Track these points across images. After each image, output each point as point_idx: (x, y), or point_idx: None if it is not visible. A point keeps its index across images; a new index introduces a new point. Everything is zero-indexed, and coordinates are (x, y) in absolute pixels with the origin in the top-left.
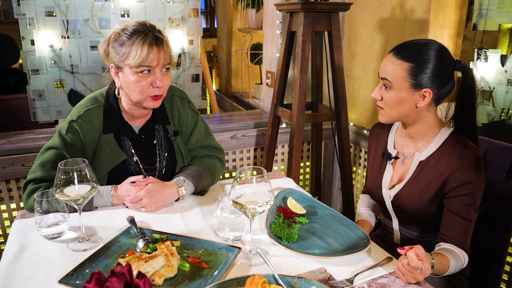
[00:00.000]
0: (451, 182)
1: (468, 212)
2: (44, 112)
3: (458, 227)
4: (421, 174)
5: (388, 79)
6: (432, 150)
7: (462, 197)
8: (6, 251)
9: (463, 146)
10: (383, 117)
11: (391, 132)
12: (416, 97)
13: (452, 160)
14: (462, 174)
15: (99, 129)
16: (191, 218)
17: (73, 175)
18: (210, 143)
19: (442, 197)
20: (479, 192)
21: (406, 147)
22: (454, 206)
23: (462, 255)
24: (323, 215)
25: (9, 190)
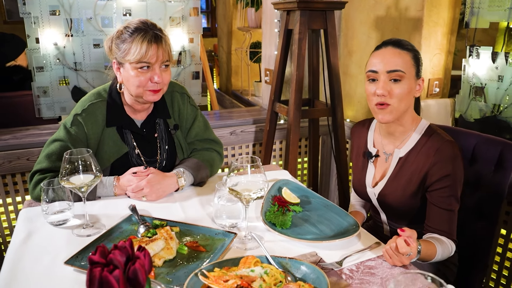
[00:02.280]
0: (431, 176)
1: (450, 203)
2: (48, 108)
3: (442, 218)
4: (402, 170)
5: (402, 70)
6: (410, 146)
7: (443, 190)
8: (14, 237)
9: (439, 140)
10: (391, 114)
11: (370, 131)
12: (416, 86)
13: (430, 155)
14: (441, 168)
15: (102, 122)
16: (190, 207)
17: (78, 165)
18: (209, 136)
19: (424, 191)
20: (459, 183)
21: (386, 145)
22: (436, 199)
23: (449, 243)
24: (316, 204)
25: (15, 184)
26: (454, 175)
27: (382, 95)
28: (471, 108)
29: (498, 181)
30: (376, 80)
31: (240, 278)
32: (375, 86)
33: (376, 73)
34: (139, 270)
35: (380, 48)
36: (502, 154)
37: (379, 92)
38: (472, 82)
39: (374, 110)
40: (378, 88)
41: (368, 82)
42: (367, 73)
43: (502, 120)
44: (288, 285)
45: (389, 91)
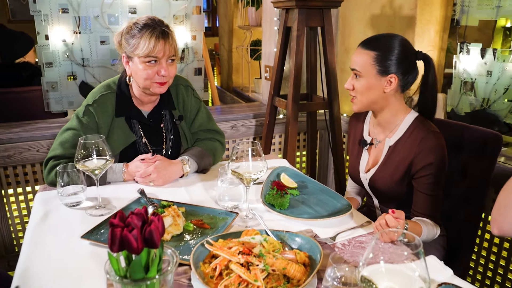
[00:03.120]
0: (416, 164)
1: (434, 189)
2: (57, 102)
3: (427, 204)
4: (391, 158)
5: (357, 69)
6: (399, 135)
7: (427, 177)
8: (32, 216)
9: (424, 131)
10: (356, 105)
11: (366, 121)
12: (383, 83)
13: (415, 145)
14: (424, 157)
15: (112, 112)
16: (195, 191)
17: (92, 150)
18: (211, 127)
19: (410, 178)
20: (442, 171)
21: (377, 134)
22: (421, 186)
23: (434, 225)
24: (312, 188)
25: (25, 174)
26: (437, 163)
27: (347, 89)
28: (462, 102)
29: (484, 169)
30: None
31: (242, 245)
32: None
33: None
34: (154, 231)
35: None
36: (488, 144)
37: (345, 86)
38: (463, 78)
39: (351, 100)
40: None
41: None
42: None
43: (491, 113)
44: (285, 252)
45: (353, 85)
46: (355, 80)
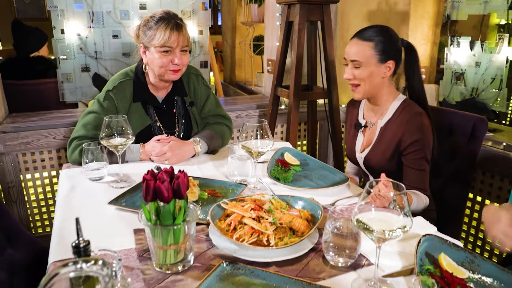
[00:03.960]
0: (403, 142)
1: (421, 164)
2: (71, 93)
3: (416, 177)
4: (382, 138)
5: (358, 59)
6: (388, 116)
7: (414, 153)
8: (60, 190)
9: (410, 112)
10: (359, 93)
11: (360, 107)
12: (382, 70)
13: (402, 124)
14: (411, 135)
15: (129, 98)
16: (206, 168)
17: (115, 128)
18: (220, 112)
19: (399, 155)
20: (428, 147)
21: (371, 117)
22: (409, 162)
23: (424, 196)
24: (313, 165)
25: (42, 160)
26: (423, 140)
27: (348, 79)
28: (453, 92)
29: (471, 150)
30: (347, 65)
31: (253, 202)
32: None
33: (346, 61)
34: (181, 183)
35: (351, 39)
36: (475, 127)
37: (345, 76)
38: (454, 69)
39: (351, 89)
40: (345, 73)
41: (345, 66)
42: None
43: (479, 102)
44: (291, 209)
45: (354, 75)
46: (355, 70)
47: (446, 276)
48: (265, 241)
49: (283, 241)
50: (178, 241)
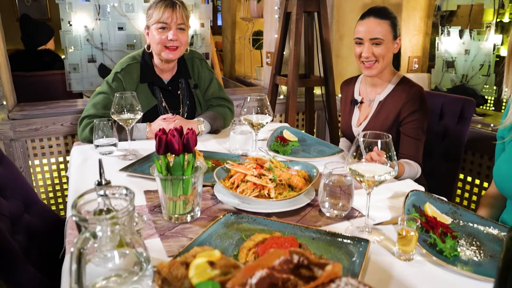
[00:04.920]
0: (403, 112)
1: (418, 134)
2: (78, 83)
3: (411, 146)
4: (381, 110)
5: (379, 37)
6: (388, 91)
7: (412, 122)
8: (73, 162)
9: (410, 86)
10: (375, 70)
11: (357, 83)
12: (394, 46)
13: (403, 96)
14: (411, 105)
15: (136, 80)
16: (209, 145)
17: (125, 104)
18: (222, 95)
19: (398, 126)
20: (425, 118)
21: (369, 93)
22: (407, 130)
23: (416, 165)
24: (311, 141)
25: (50, 147)
26: (421, 110)
27: (367, 57)
28: (444, 80)
29: (460, 130)
30: (362, 44)
31: (255, 161)
32: (360, 49)
33: (361, 39)
34: (190, 138)
35: (364, 18)
36: (463, 108)
37: (365, 55)
38: (444, 57)
39: (361, 66)
40: (363, 52)
41: (356, 45)
42: (355, 39)
43: (469, 88)
44: (289, 169)
45: (372, 52)
46: (374, 47)
47: (430, 221)
48: (266, 194)
49: (282, 195)
50: (187, 192)
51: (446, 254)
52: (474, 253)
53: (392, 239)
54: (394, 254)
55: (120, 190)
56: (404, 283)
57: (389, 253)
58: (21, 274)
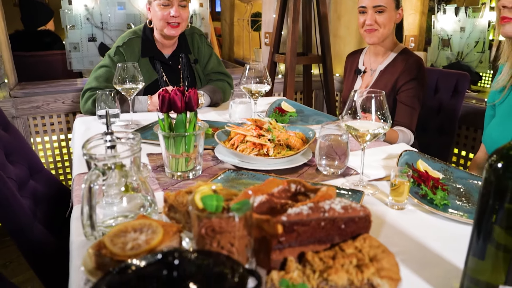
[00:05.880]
0: (401, 80)
1: (413, 102)
2: (78, 62)
3: (406, 113)
4: (381, 78)
5: (383, 4)
6: (389, 61)
7: (408, 91)
8: (76, 131)
9: (408, 55)
10: (375, 37)
11: (362, 55)
12: (396, 15)
13: (402, 65)
14: (408, 74)
15: (138, 54)
16: (210, 116)
17: (128, 74)
18: (222, 70)
19: (395, 94)
20: (422, 88)
21: (372, 63)
22: (403, 98)
23: (409, 133)
24: (309, 112)
25: (52, 124)
26: (418, 79)
27: (370, 24)
28: (440, 58)
29: (454, 104)
30: (365, 13)
31: (254, 122)
32: (364, 17)
33: (365, 8)
34: (192, 97)
35: None
36: (458, 83)
37: (368, 23)
38: (440, 35)
39: (363, 34)
40: (367, 20)
41: (360, 15)
42: (359, 8)
43: (464, 65)
44: (287, 131)
45: (375, 20)
46: (377, 15)
47: (422, 175)
48: (265, 152)
49: (280, 154)
50: (189, 149)
51: (436, 203)
52: (464, 203)
53: (385, 192)
54: (387, 204)
55: (127, 135)
56: (397, 228)
57: (382, 203)
58: (31, 231)
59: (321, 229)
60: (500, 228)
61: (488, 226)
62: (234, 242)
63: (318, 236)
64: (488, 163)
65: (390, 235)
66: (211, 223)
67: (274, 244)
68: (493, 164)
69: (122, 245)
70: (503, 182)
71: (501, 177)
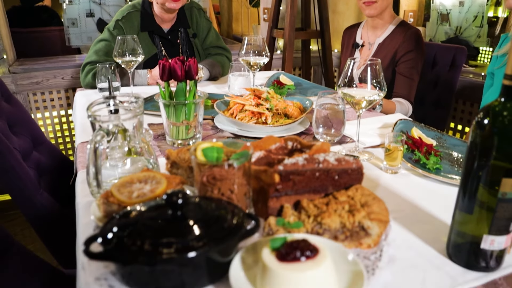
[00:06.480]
0: (400, 52)
1: (412, 73)
2: (77, 37)
3: (404, 85)
4: (380, 51)
5: None
6: (387, 33)
7: (407, 62)
8: (77, 103)
9: (407, 28)
10: (374, 9)
11: (359, 28)
12: None
13: (400, 37)
14: (407, 45)
15: (137, 28)
16: (209, 89)
17: (128, 47)
18: (220, 44)
19: (394, 65)
20: (420, 59)
21: (370, 37)
22: (402, 69)
23: (407, 104)
24: (307, 85)
25: (52, 100)
26: (417, 50)
27: None
28: (439, 33)
29: (451, 77)
30: None
31: (253, 91)
32: None
33: None
34: (192, 65)
35: None
36: (455, 56)
37: None
38: (439, 10)
39: (362, 7)
40: None
41: None
42: None
43: (462, 40)
44: (285, 100)
45: None
46: None
47: (416, 141)
48: (263, 121)
49: (279, 122)
50: (189, 117)
51: (429, 167)
52: (455, 168)
53: (380, 158)
54: (381, 169)
55: (129, 99)
56: (390, 190)
57: (377, 168)
58: (37, 198)
59: (316, 180)
60: (484, 187)
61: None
62: (233, 189)
63: (313, 186)
64: (475, 121)
65: (384, 196)
66: (212, 171)
67: (271, 193)
68: (479, 121)
69: (128, 194)
70: (488, 138)
71: (487, 133)
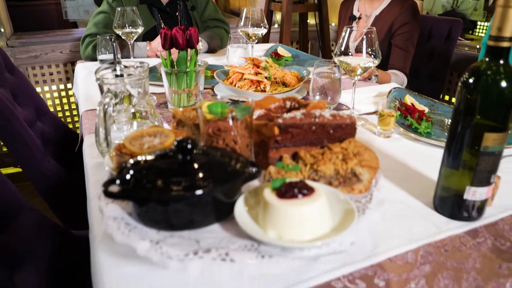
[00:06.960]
0: (396, 24)
1: (407, 46)
2: (74, 11)
3: (400, 57)
4: (376, 24)
5: None
6: (384, 6)
7: (403, 34)
8: (78, 75)
9: (404, 0)
10: None
11: (356, 1)
12: None
13: (397, 9)
14: (403, 17)
15: (136, 0)
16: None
17: (127, 19)
18: (219, 17)
19: (390, 38)
20: (416, 31)
21: (367, 9)
22: (397, 41)
23: (402, 76)
24: (305, 57)
25: (51, 74)
26: (413, 23)
27: None
28: (436, 6)
29: (447, 49)
30: None
31: (252, 60)
32: None
33: None
34: (193, 34)
35: None
36: (451, 29)
37: None
38: None
39: None
40: None
41: None
42: None
43: (459, 13)
44: (284, 69)
45: None
46: None
47: (408, 108)
48: (262, 89)
49: (277, 91)
50: (190, 85)
51: (420, 131)
52: (446, 133)
53: (374, 124)
54: (375, 133)
55: (135, 64)
56: (383, 152)
57: (371, 133)
58: (44, 165)
59: (312, 133)
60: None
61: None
62: (237, 140)
63: (309, 138)
64: (461, 80)
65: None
66: (217, 124)
67: (271, 144)
68: (465, 80)
69: (140, 146)
70: (473, 96)
71: (471, 92)
